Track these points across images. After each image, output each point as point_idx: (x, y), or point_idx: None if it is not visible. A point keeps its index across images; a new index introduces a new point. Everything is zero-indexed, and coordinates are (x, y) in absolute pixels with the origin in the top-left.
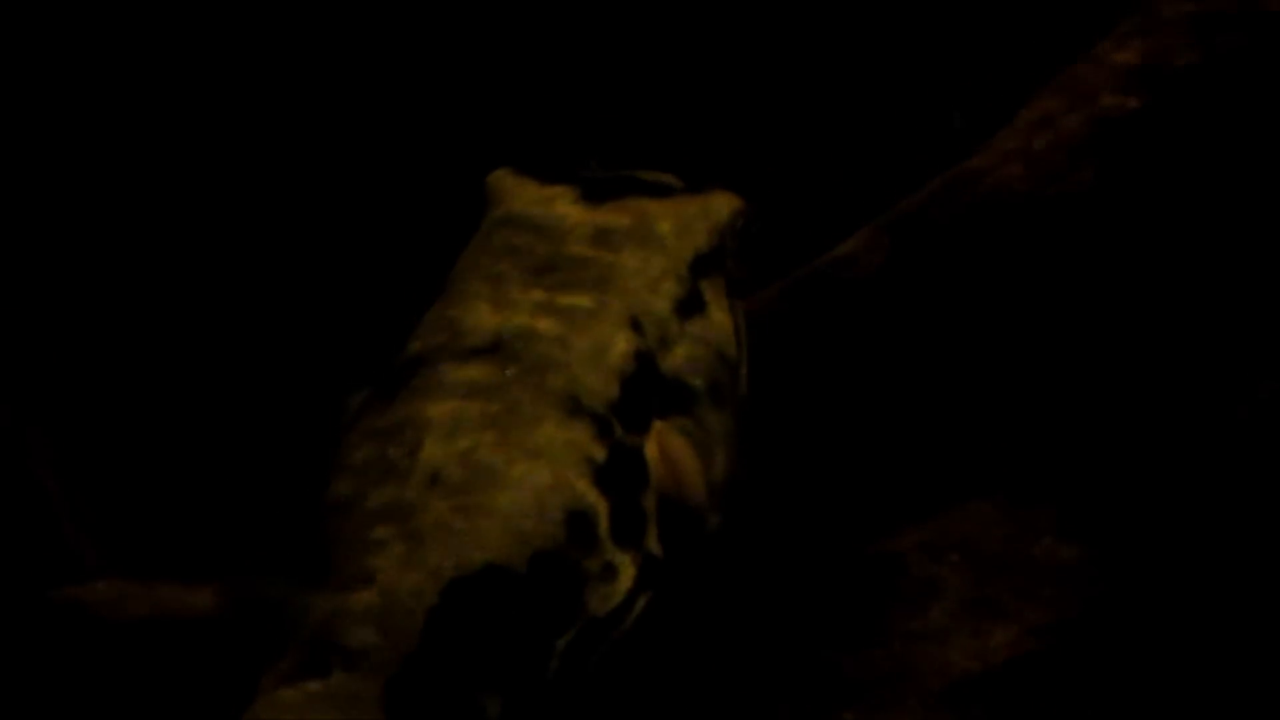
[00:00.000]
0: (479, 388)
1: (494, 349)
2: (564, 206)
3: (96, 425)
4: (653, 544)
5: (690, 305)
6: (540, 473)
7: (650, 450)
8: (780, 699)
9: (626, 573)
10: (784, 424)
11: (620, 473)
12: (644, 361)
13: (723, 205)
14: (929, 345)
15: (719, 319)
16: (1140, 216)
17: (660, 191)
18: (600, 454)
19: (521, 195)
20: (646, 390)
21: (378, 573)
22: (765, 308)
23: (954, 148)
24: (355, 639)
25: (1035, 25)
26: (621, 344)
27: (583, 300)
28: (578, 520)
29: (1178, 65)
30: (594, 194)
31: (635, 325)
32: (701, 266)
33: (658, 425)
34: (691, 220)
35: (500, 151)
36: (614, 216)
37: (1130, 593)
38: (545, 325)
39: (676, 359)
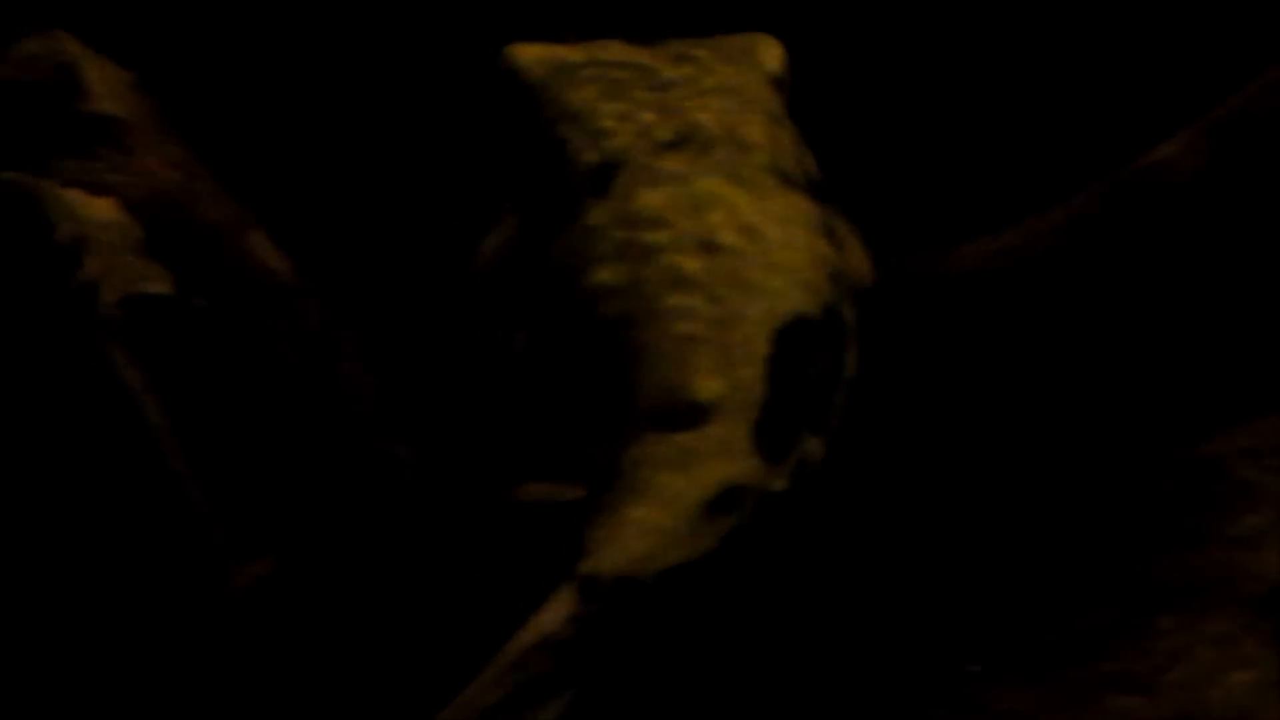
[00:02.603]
0: (694, 172)
1: (684, 140)
2: (622, 52)
3: (409, 325)
4: None
5: (782, 114)
6: (798, 234)
7: None
8: (1098, 601)
9: (855, 333)
10: (1102, 327)
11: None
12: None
13: (771, 41)
14: (1250, 248)
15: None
16: None
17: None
18: (820, 218)
19: (565, 54)
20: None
21: (698, 332)
22: (1081, 211)
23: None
24: (707, 392)
25: None
26: (780, 134)
27: (724, 102)
28: (836, 277)
29: None
30: (638, 42)
31: (772, 120)
32: (777, 85)
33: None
34: (752, 48)
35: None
36: (680, 48)
37: None
38: (711, 119)
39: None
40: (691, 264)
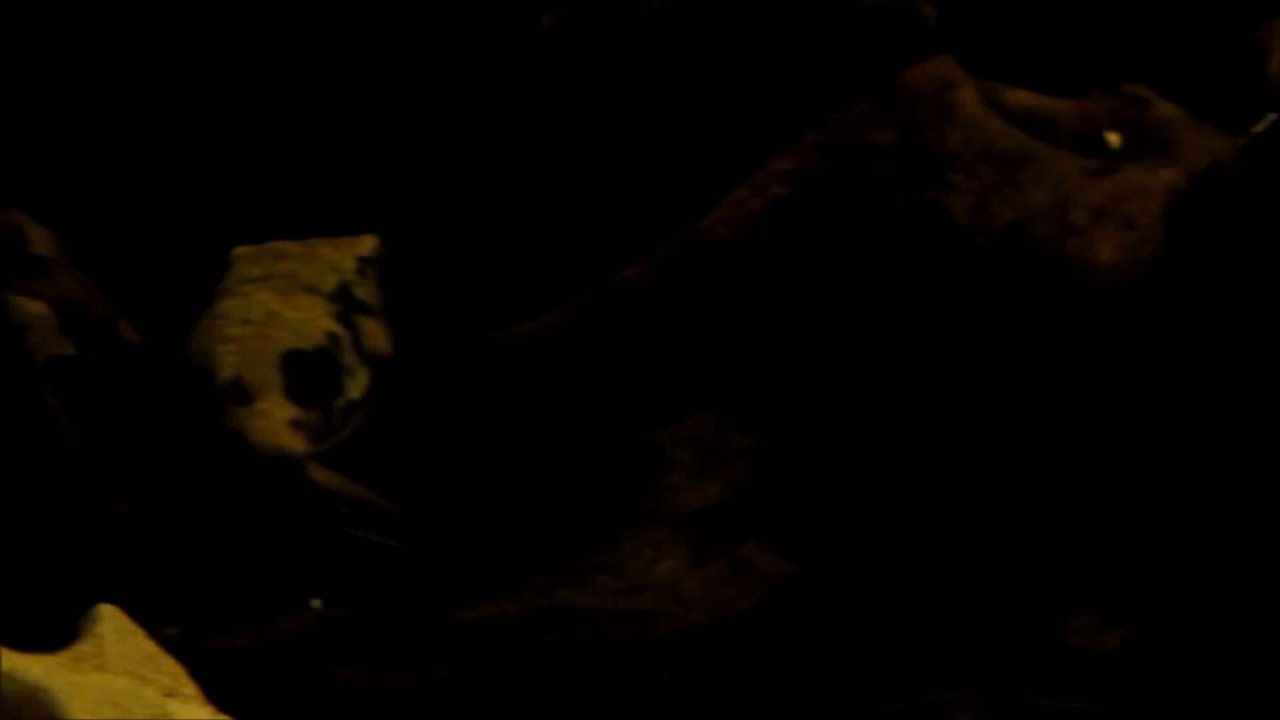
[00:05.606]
0: (256, 291)
1: (267, 276)
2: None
3: None
4: None
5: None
6: (305, 317)
7: None
8: (588, 527)
9: (358, 368)
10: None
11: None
12: None
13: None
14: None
15: None
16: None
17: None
18: (333, 312)
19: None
20: None
21: (241, 359)
22: (627, 281)
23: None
24: (253, 380)
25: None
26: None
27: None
28: (334, 338)
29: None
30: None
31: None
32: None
33: None
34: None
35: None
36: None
37: None
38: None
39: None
40: (235, 330)
